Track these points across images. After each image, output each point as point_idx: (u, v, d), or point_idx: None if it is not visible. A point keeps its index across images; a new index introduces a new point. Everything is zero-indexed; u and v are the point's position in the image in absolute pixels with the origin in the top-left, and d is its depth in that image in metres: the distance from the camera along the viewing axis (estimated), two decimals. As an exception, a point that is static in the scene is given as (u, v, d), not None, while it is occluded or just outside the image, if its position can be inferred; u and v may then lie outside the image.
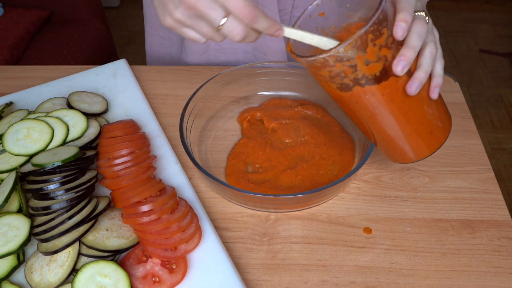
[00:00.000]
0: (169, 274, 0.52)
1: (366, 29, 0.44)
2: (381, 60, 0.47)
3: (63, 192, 0.55)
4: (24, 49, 1.65)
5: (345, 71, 0.47)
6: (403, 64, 0.46)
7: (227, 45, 0.87)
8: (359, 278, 0.55)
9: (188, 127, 0.67)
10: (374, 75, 0.47)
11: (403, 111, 0.51)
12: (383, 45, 0.46)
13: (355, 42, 0.44)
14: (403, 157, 0.56)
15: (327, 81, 0.50)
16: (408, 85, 0.48)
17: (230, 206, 0.63)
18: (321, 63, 0.47)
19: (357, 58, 0.46)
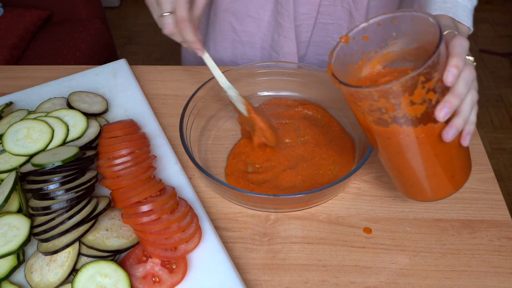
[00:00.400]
0: (169, 274, 0.52)
1: (420, 71, 0.43)
2: (425, 103, 0.46)
3: (63, 192, 0.55)
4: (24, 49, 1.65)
5: (387, 107, 0.46)
6: (446, 111, 0.45)
7: (247, 38, 0.88)
8: (359, 278, 0.55)
9: (188, 127, 0.67)
10: (415, 117, 0.47)
11: (432, 154, 0.50)
12: (430, 89, 0.45)
13: (406, 82, 0.43)
14: (419, 194, 0.56)
15: (364, 112, 0.49)
16: (445, 131, 0.47)
17: (230, 206, 0.63)
18: (364, 95, 0.46)
19: (403, 98, 0.45)
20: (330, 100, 0.74)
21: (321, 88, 0.74)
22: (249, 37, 0.87)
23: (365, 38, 0.53)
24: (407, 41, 0.52)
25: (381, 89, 0.44)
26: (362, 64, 0.55)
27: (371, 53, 0.54)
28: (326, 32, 0.85)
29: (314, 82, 0.74)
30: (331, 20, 0.83)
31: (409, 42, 0.52)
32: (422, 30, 0.49)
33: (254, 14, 0.84)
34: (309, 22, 0.83)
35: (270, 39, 0.87)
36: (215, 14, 0.86)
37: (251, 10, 0.84)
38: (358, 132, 0.69)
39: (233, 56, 0.91)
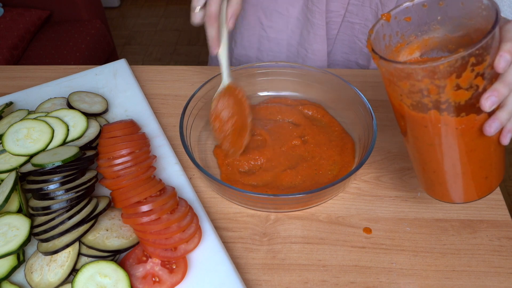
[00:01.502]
0: (169, 274, 0.52)
1: (472, 51, 0.40)
2: (471, 89, 0.42)
3: (63, 192, 0.55)
4: (24, 49, 1.65)
5: (430, 89, 0.43)
6: (493, 100, 0.42)
7: (274, 34, 0.88)
8: (359, 278, 0.55)
9: (188, 127, 0.67)
10: (458, 104, 0.43)
11: (468, 149, 0.47)
12: (480, 73, 0.42)
13: (455, 61, 0.40)
14: (446, 194, 0.52)
15: (402, 94, 0.46)
16: (488, 123, 0.44)
17: (230, 206, 0.63)
18: (407, 73, 0.43)
19: (450, 79, 0.41)
20: (330, 100, 0.74)
21: (321, 88, 0.74)
22: (276, 33, 0.88)
23: (408, 19, 0.49)
24: (451, 27, 0.49)
25: (428, 67, 0.41)
26: (400, 47, 0.51)
27: (411, 36, 0.51)
28: (352, 31, 0.85)
29: (314, 82, 0.74)
30: (358, 19, 0.83)
31: (454, 28, 0.48)
32: (470, 15, 0.45)
33: (283, 10, 0.84)
34: (337, 20, 0.84)
35: (298, 36, 0.87)
36: (243, 9, 0.86)
37: (280, 6, 0.84)
38: (358, 132, 0.69)
39: (258, 52, 0.91)
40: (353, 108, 0.70)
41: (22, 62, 1.62)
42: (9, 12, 1.68)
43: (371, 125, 0.63)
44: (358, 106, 0.68)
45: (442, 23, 0.49)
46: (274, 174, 0.65)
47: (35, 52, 1.65)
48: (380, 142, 0.71)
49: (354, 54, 0.89)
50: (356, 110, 0.69)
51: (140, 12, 2.78)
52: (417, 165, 0.53)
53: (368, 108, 0.65)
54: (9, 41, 1.59)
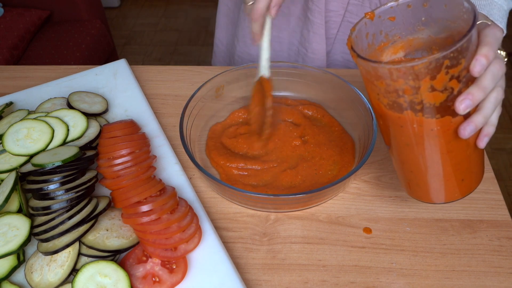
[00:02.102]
0: (169, 274, 0.52)
1: (446, 53, 0.40)
2: (446, 91, 0.43)
3: (63, 192, 0.55)
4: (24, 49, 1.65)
5: (405, 90, 0.43)
6: (467, 103, 0.42)
7: (276, 33, 0.88)
8: (359, 278, 0.55)
9: (188, 127, 0.67)
10: (433, 105, 0.43)
11: (444, 151, 0.47)
12: (454, 76, 0.42)
13: (429, 63, 0.40)
14: (423, 195, 0.53)
15: (379, 93, 0.46)
16: (463, 126, 0.44)
17: (230, 206, 0.63)
18: (382, 72, 0.43)
19: (423, 81, 0.42)
20: (330, 100, 0.74)
21: (321, 88, 0.74)
22: (278, 31, 0.88)
23: (392, 19, 0.49)
24: (436, 29, 0.49)
25: (402, 68, 0.41)
26: (383, 46, 0.51)
27: (395, 36, 0.51)
28: None
29: (314, 82, 0.74)
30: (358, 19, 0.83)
31: (438, 30, 0.49)
32: (453, 18, 0.46)
33: (284, 8, 0.84)
34: (337, 19, 0.84)
35: (299, 35, 0.87)
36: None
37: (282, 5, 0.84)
38: (358, 132, 0.69)
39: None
40: (353, 108, 0.70)
41: (22, 62, 1.62)
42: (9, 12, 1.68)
43: (371, 125, 0.63)
44: (358, 106, 0.68)
45: (427, 24, 0.49)
46: (274, 174, 0.65)
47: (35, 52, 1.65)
48: (380, 142, 0.71)
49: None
50: (356, 110, 0.69)
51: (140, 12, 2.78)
52: (396, 165, 0.54)
53: (368, 108, 0.65)
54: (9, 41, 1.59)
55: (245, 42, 0.92)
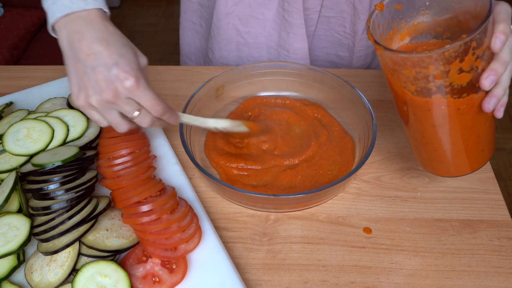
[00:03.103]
0: (169, 274, 0.52)
1: (474, 35, 0.42)
2: (472, 71, 0.45)
3: (63, 192, 0.55)
4: (24, 49, 1.65)
5: (435, 75, 0.45)
6: (492, 79, 0.44)
7: (253, 40, 0.88)
8: (359, 278, 0.55)
9: (188, 127, 0.67)
10: (460, 85, 0.46)
11: (468, 126, 0.49)
12: (479, 56, 0.44)
13: (459, 47, 0.42)
14: (445, 170, 0.55)
15: (406, 81, 0.48)
16: (486, 101, 0.47)
17: (230, 206, 0.63)
18: (413, 62, 0.45)
19: (454, 64, 0.44)
20: (330, 100, 0.74)
21: (321, 88, 0.74)
22: (254, 38, 0.87)
23: (398, 7, 0.51)
24: (439, 11, 0.51)
25: (434, 54, 0.43)
26: (392, 34, 0.53)
27: (401, 23, 0.53)
28: (329, 25, 0.85)
29: (314, 82, 0.74)
30: (334, 13, 0.83)
31: (442, 12, 0.51)
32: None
33: (258, 14, 0.84)
34: (314, 16, 0.83)
35: (276, 38, 0.87)
36: (218, 19, 0.86)
37: (255, 11, 0.83)
38: (358, 132, 0.69)
39: (238, 59, 0.91)
40: (353, 108, 0.70)
41: (22, 62, 1.62)
42: (9, 12, 1.68)
43: (371, 125, 0.63)
44: (358, 106, 0.68)
45: (430, 8, 0.51)
46: (274, 174, 0.65)
47: (35, 52, 1.65)
48: (380, 142, 0.71)
49: (333, 47, 0.89)
50: (356, 110, 0.69)
51: (140, 12, 2.78)
52: (418, 146, 0.55)
53: (368, 108, 0.65)
54: (9, 41, 1.59)
55: (221, 54, 0.91)
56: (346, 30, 0.85)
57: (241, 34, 0.87)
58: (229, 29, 0.86)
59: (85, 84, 0.51)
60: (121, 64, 0.50)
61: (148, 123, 0.54)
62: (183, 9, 0.95)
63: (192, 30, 0.96)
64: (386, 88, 0.80)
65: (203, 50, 0.97)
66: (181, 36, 0.99)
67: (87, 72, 0.51)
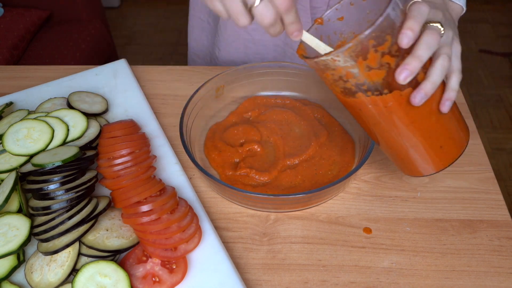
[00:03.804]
0: (169, 274, 0.52)
1: (366, 35, 0.43)
2: (383, 67, 0.46)
3: (63, 192, 0.55)
4: (24, 49, 1.65)
5: (346, 75, 0.46)
6: (406, 74, 0.44)
7: (259, 36, 0.88)
8: (359, 278, 0.55)
9: (188, 127, 0.67)
10: (377, 82, 0.46)
11: (407, 122, 0.49)
12: (386, 52, 0.45)
13: (355, 46, 0.43)
14: (411, 169, 0.56)
15: (330, 84, 0.50)
16: (413, 95, 0.47)
17: (230, 206, 0.63)
18: (323, 65, 0.46)
19: (358, 63, 0.45)
20: (330, 100, 0.74)
21: (321, 88, 0.74)
22: (261, 35, 0.87)
23: (341, 19, 0.53)
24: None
25: (332, 56, 0.44)
26: (341, 44, 0.54)
27: (349, 33, 0.54)
28: None
29: (314, 82, 0.74)
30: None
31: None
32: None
33: None
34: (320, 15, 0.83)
35: (283, 35, 0.87)
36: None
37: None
38: (358, 132, 0.69)
39: (245, 56, 0.91)
40: (353, 108, 0.70)
41: (22, 62, 1.62)
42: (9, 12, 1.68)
43: (371, 125, 0.63)
44: (358, 106, 0.68)
45: (372, 16, 0.52)
46: (274, 174, 0.65)
47: (35, 52, 1.65)
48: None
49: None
50: (356, 110, 0.69)
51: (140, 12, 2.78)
52: (381, 147, 0.56)
53: (368, 108, 0.65)
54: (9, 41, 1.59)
55: (228, 51, 0.91)
56: None
57: (248, 31, 0.87)
58: (235, 26, 0.86)
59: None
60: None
61: (269, 17, 0.47)
62: (192, 6, 0.95)
63: (199, 27, 0.96)
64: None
65: (210, 47, 0.97)
66: (189, 32, 0.99)
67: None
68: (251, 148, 0.68)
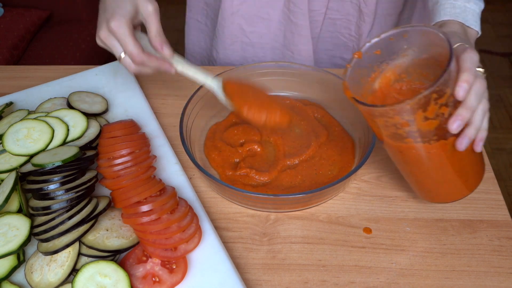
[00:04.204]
0: (169, 274, 0.52)
1: (432, 89, 0.45)
2: (438, 117, 0.48)
3: (63, 192, 0.55)
4: (24, 49, 1.65)
5: (402, 124, 0.48)
6: (458, 124, 0.47)
7: (257, 39, 0.88)
8: (359, 278, 0.55)
9: (188, 127, 0.67)
10: (429, 130, 0.49)
11: (445, 164, 0.52)
12: (443, 104, 0.47)
13: (419, 100, 0.45)
14: (435, 197, 0.58)
15: (379, 127, 0.51)
16: (459, 141, 0.49)
17: (230, 206, 0.63)
18: (380, 113, 0.48)
19: (417, 115, 0.47)
20: (330, 100, 0.74)
21: (321, 88, 0.74)
22: (259, 38, 0.87)
23: (377, 52, 0.55)
24: (417, 52, 0.54)
25: (395, 108, 0.46)
26: (375, 76, 0.56)
27: (383, 65, 0.56)
28: (334, 27, 0.85)
29: (314, 82, 0.74)
30: (340, 15, 0.83)
31: (420, 53, 0.54)
32: (432, 43, 0.51)
33: (264, 14, 0.84)
34: (319, 18, 0.84)
35: (281, 38, 0.87)
36: (223, 18, 0.86)
37: (260, 10, 0.84)
38: (358, 132, 0.69)
39: (243, 58, 0.91)
40: (353, 108, 0.69)
41: (22, 62, 1.61)
42: (9, 12, 1.68)
43: (371, 125, 0.63)
44: (358, 106, 0.68)
45: (409, 50, 0.54)
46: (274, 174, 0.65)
47: (35, 52, 1.65)
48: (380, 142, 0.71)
49: (338, 50, 0.89)
50: (356, 110, 0.69)
51: (140, 12, 2.77)
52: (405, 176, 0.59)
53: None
54: (9, 41, 1.59)
55: (226, 54, 0.91)
56: (351, 33, 0.85)
57: (246, 33, 0.87)
58: (234, 28, 0.86)
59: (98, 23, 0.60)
60: (110, 9, 0.58)
61: (131, 67, 0.60)
62: (189, 8, 0.96)
63: (197, 29, 0.96)
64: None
65: (208, 50, 0.97)
66: (186, 34, 0.99)
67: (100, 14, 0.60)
68: (251, 148, 0.68)
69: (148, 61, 0.59)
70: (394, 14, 0.83)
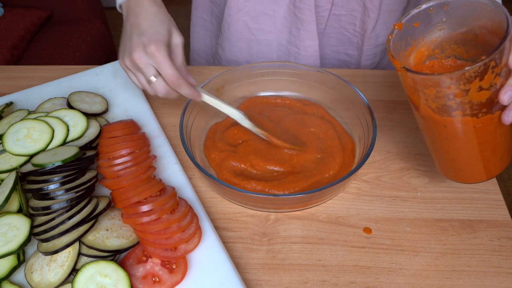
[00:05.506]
0: (169, 274, 0.52)
1: (493, 56, 0.43)
2: (491, 88, 0.46)
3: (63, 192, 0.55)
4: (24, 49, 1.65)
5: (456, 93, 0.47)
6: (510, 94, 0.46)
7: (263, 36, 0.88)
8: (359, 278, 0.55)
9: (188, 127, 0.67)
10: (479, 102, 0.47)
11: (484, 140, 0.51)
12: (498, 73, 0.46)
13: (478, 67, 0.44)
14: (467, 177, 0.57)
15: (428, 99, 0.49)
16: (506, 114, 0.48)
17: (230, 206, 0.63)
18: (435, 82, 0.47)
19: (473, 83, 0.45)
20: (330, 100, 0.74)
21: (321, 88, 0.74)
22: (264, 35, 0.88)
23: (416, 25, 0.53)
24: (455, 26, 0.52)
25: (454, 75, 0.45)
26: (411, 50, 0.55)
27: (419, 39, 0.54)
28: (339, 23, 0.86)
29: (314, 82, 0.74)
30: (344, 11, 0.83)
31: (458, 26, 0.52)
32: (475, 15, 0.49)
33: (269, 11, 0.84)
34: (324, 14, 0.84)
35: (287, 34, 0.87)
36: (229, 15, 0.86)
37: (266, 7, 0.84)
38: (358, 132, 0.69)
39: (248, 56, 0.91)
40: (353, 108, 0.70)
41: (22, 62, 1.62)
42: (9, 12, 1.68)
43: (371, 125, 0.63)
44: (358, 106, 0.68)
45: (447, 23, 0.52)
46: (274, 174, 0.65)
47: (35, 52, 1.65)
48: (380, 142, 0.71)
49: (343, 46, 0.89)
50: (356, 110, 0.69)
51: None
52: (435, 155, 0.57)
53: (368, 108, 0.65)
54: (9, 41, 1.59)
55: (231, 51, 0.91)
56: (356, 29, 0.85)
57: (252, 31, 0.87)
58: (239, 26, 0.87)
59: (124, 48, 0.61)
60: (149, 34, 0.59)
61: (162, 91, 0.61)
62: (194, 6, 0.96)
63: (202, 27, 0.96)
64: (386, 88, 0.80)
65: (213, 47, 0.97)
66: (191, 32, 0.99)
67: (127, 39, 0.61)
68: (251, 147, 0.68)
69: (182, 86, 0.60)
70: (398, 10, 0.83)
